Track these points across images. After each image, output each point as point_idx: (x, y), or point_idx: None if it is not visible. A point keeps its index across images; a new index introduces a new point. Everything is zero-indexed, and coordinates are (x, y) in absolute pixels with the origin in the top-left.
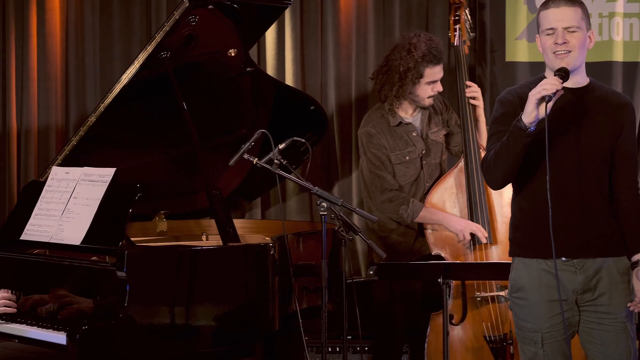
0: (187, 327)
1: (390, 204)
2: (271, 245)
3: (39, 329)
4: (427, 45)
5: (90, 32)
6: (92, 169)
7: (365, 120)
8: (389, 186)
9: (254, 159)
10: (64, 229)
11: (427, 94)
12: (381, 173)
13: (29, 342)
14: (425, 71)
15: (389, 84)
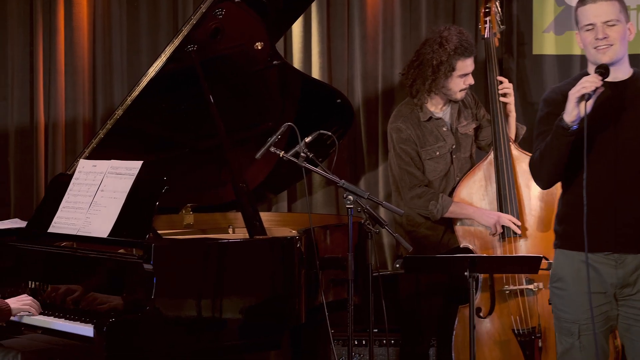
0: (213, 320)
1: (419, 200)
2: (297, 238)
3: (66, 321)
4: (458, 37)
5: (118, 25)
6: (119, 162)
7: (395, 116)
8: (417, 182)
9: (281, 152)
10: (91, 222)
11: (460, 87)
12: (410, 169)
13: (56, 334)
14: (458, 64)
15: (421, 79)
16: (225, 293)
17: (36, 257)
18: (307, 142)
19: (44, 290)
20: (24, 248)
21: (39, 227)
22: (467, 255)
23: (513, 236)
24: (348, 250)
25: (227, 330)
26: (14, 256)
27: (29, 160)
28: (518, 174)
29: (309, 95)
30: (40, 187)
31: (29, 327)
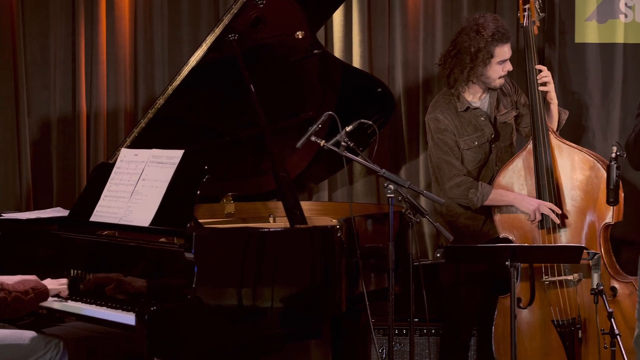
0: (254, 309)
1: (459, 189)
2: (338, 228)
3: (107, 310)
4: (494, 24)
5: (159, 14)
6: (160, 151)
7: (433, 106)
8: (456, 171)
9: (321, 141)
10: (132, 211)
11: (498, 74)
12: (449, 159)
13: (98, 323)
14: (496, 50)
15: (459, 67)
16: (265, 282)
17: (78, 246)
18: (347, 131)
19: (86, 278)
20: (66, 237)
21: (81, 216)
22: (508, 245)
23: (551, 226)
24: (389, 239)
25: (268, 319)
26: (56, 245)
27: (71, 149)
28: (558, 163)
29: (349, 84)
30: (83, 176)
31: (70, 315)
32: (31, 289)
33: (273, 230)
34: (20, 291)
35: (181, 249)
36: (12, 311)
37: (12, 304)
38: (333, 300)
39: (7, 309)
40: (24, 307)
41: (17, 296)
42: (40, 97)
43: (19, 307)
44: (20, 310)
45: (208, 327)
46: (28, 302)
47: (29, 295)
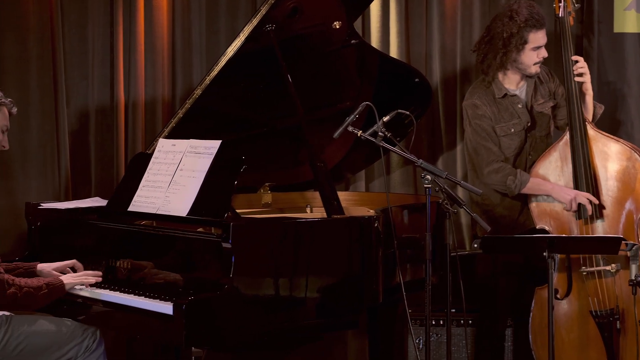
0: (291, 299)
1: (497, 175)
2: (375, 218)
3: (145, 299)
4: (528, 10)
5: (197, 4)
6: (198, 141)
7: (470, 93)
8: (494, 157)
9: (358, 132)
10: (170, 201)
11: (533, 61)
12: (487, 144)
13: (135, 312)
14: (529, 36)
15: (492, 53)
16: (302, 272)
17: (116, 236)
18: (385, 121)
19: (124, 268)
20: (105, 226)
21: (119, 206)
22: (545, 236)
23: (588, 216)
24: (426, 230)
25: (305, 309)
26: (94, 235)
27: (109, 139)
28: (594, 154)
29: (386, 74)
30: (121, 166)
31: (106, 305)
32: (45, 284)
33: (310, 221)
34: (32, 287)
35: (219, 239)
36: (22, 306)
37: (23, 299)
38: (370, 290)
39: (18, 304)
40: (36, 302)
41: (29, 292)
42: (78, 88)
43: (30, 302)
44: (31, 305)
45: (245, 317)
46: (41, 298)
47: (42, 291)
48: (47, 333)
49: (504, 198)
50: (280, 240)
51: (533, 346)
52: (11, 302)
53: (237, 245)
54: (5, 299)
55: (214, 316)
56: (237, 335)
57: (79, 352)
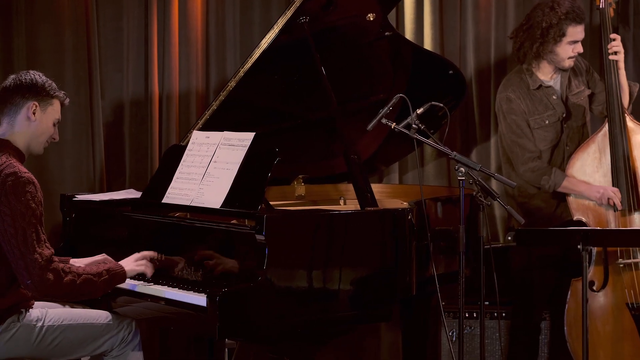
0: (324, 291)
1: (532, 174)
2: (409, 210)
3: (179, 291)
4: (570, 3)
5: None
6: (231, 133)
7: (504, 85)
8: (529, 155)
9: (392, 124)
10: (204, 193)
11: (568, 54)
12: (522, 141)
13: (169, 303)
14: (568, 29)
15: (529, 41)
16: (335, 264)
17: (150, 227)
18: (418, 113)
19: (157, 260)
20: (139, 218)
21: (153, 198)
22: (580, 229)
23: (619, 210)
24: (459, 222)
25: (338, 301)
26: (128, 226)
27: (144, 131)
28: (633, 146)
29: (420, 66)
30: (155, 157)
31: (141, 296)
32: (106, 270)
33: (344, 213)
34: (91, 273)
35: (252, 230)
36: (82, 294)
37: (82, 286)
38: (403, 282)
39: (77, 292)
40: (96, 290)
41: (88, 278)
42: (113, 80)
43: (90, 290)
44: (93, 293)
45: (278, 309)
46: (102, 284)
47: (102, 277)
48: (83, 326)
49: (541, 189)
50: (314, 232)
51: (568, 338)
52: (70, 292)
53: (271, 237)
54: (63, 289)
55: (248, 308)
56: (270, 327)
57: (114, 343)
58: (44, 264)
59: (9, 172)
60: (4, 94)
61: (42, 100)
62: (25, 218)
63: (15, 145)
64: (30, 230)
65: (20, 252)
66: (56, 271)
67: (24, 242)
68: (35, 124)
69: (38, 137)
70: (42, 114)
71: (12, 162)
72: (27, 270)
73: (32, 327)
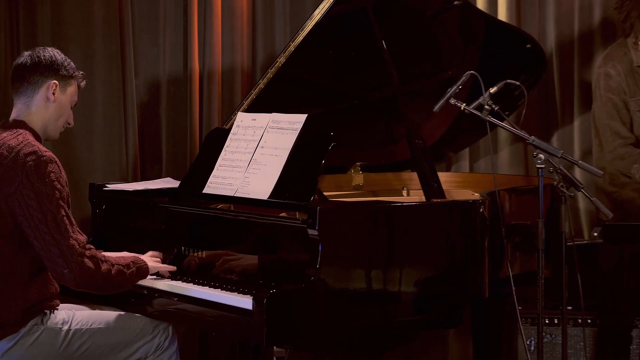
0: (384, 293)
1: (622, 162)
2: (480, 202)
3: (221, 292)
4: None
5: None
6: (281, 115)
7: (604, 58)
8: (621, 141)
9: (462, 105)
10: (250, 182)
11: None
12: (614, 124)
13: (209, 306)
14: None
15: (636, 11)
16: (398, 262)
17: (190, 221)
18: (492, 92)
19: (197, 256)
20: (177, 210)
21: (192, 188)
22: None
23: None
24: (538, 216)
25: (400, 304)
26: (165, 219)
27: (183, 112)
28: None
29: (494, 40)
30: (195, 142)
31: (178, 297)
32: (132, 262)
33: (407, 205)
34: (122, 264)
35: (304, 225)
36: (115, 285)
37: (116, 277)
38: (474, 284)
39: (112, 283)
40: (126, 282)
41: (120, 269)
42: (148, 56)
43: (121, 281)
44: (123, 285)
45: (333, 313)
46: (130, 277)
47: (130, 269)
48: (113, 330)
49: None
50: (373, 226)
51: None
52: (105, 281)
53: (325, 232)
54: (99, 278)
55: (298, 311)
56: (323, 334)
57: (149, 350)
58: (82, 250)
59: (29, 152)
60: (21, 72)
61: (62, 79)
62: (52, 201)
63: (31, 127)
64: (60, 214)
65: (54, 238)
66: (95, 258)
67: (56, 227)
68: (54, 105)
69: (56, 119)
70: (62, 94)
71: (30, 141)
72: (64, 258)
73: (57, 330)
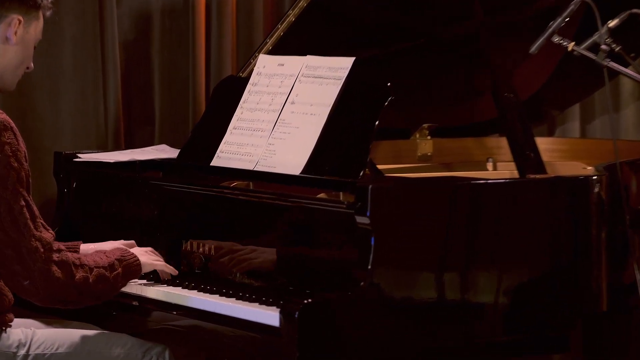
0: (463, 305)
1: None
2: (596, 179)
3: (235, 302)
4: None
5: None
6: (318, 59)
7: None
8: None
9: (569, 44)
10: (275, 151)
11: None
12: None
13: (220, 321)
14: None
15: None
16: (481, 263)
17: (193, 204)
18: (610, 27)
19: (202, 254)
20: (175, 190)
21: (196, 159)
22: None
23: None
24: None
25: (484, 320)
26: (159, 202)
27: (182, 55)
28: None
29: None
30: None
31: (177, 309)
32: (117, 260)
33: (492, 183)
34: (103, 266)
35: (350, 210)
36: (94, 297)
37: (96, 285)
38: (586, 292)
39: (90, 295)
40: (109, 289)
41: (101, 274)
42: None
43: (103, 289)
44: (106, 294)
45: (391, 331)
46: (115, 282)
47: (115, 271)
48: (88, 357)
49: None
50: (448, 212)
51: None
52: (80, 294)
53: (380, 219)
54: (72, 290)
55: (344, 330)
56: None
57: None
58: (48, 254)
59: None
60: None
61: (27, 13)
62: (7, 185)
63: None
64: (18, 205)
65: (10, 238)
66: (66, 265)
67: (12, 222)
68: (14, 49)
69: (17, 66)
70: (25, 32)
71: None
72: (24, 265)
73: (10, 356)
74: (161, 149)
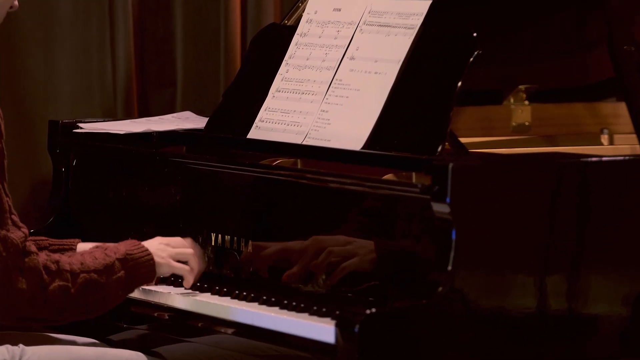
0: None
1: None
2: None
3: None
4: None
5: None
6: (384, 2)
7: None
8: None
9: None
10: (330, 120)
11: None
12: None
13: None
14: None
15: None
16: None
17: (225, 188)
18: None
19: (236, 250)
20: (202, 169)
21: (230, 130)
22: None
23: None
24: None
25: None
26: (182, 185)
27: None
28: None
29: None
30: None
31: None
32: (119, 260)
33: (610, 161)
34: (95, 268)
35: (426, 195)
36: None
37: (82, 294)
38: None
39: (74, 308)
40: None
41: (91, 280)
42: None
43: (97, 298)
44: (102, 305)
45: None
46: (112, 288)
47: (114, 275)
48: None
49: None
50: (551, 198)
51: None
52: (57, 309)
53: (463, 207)
54: (44, 304)
55: (416, 346)
56: None
57: None
58: (11, 259)
59: None
60: None
61: None
62: None
63: None
64: None
65: None
66: (34, 272)
67: None
68: None
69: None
70: None
71: None
72: None
73: None
74: (185, 117)
